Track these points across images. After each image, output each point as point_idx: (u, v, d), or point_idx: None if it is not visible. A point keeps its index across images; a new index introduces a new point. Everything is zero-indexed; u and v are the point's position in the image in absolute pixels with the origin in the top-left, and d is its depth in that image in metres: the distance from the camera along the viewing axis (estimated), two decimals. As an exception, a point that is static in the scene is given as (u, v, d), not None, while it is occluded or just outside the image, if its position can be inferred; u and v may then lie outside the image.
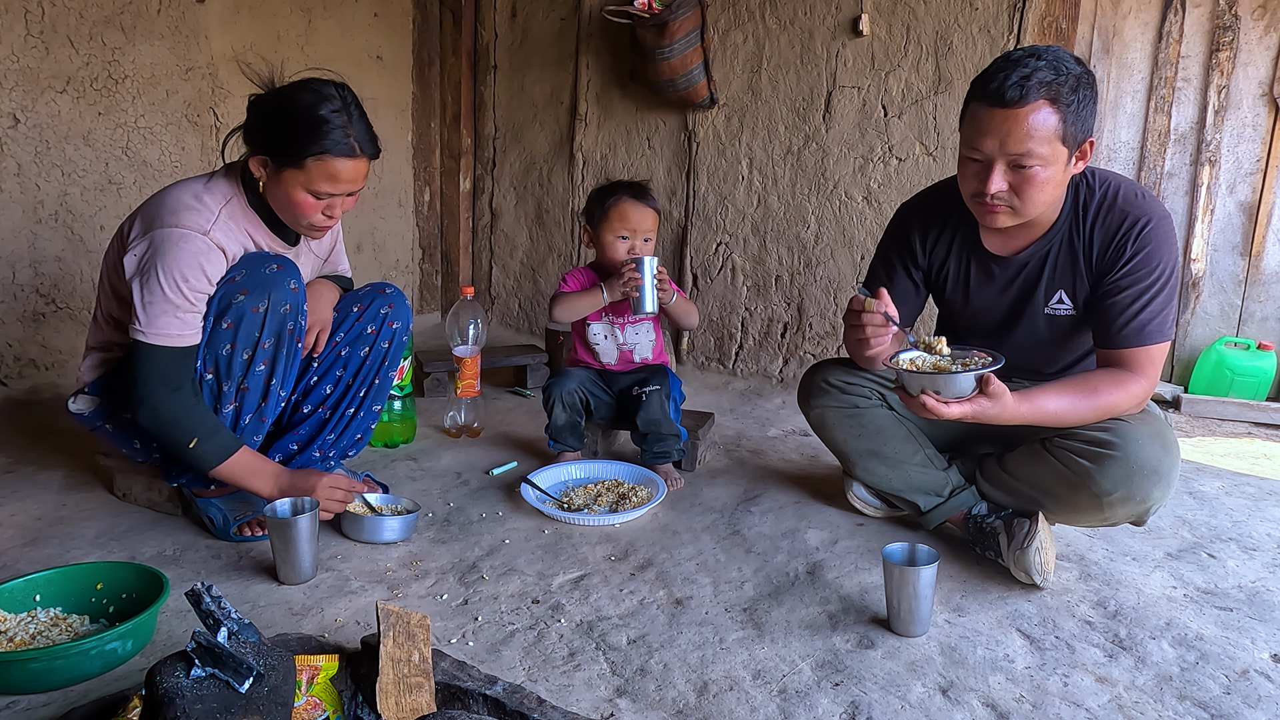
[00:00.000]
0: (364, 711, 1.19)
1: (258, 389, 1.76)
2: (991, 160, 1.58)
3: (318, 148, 1.66)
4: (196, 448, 1.68)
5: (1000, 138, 1.55)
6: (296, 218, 1.75)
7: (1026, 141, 1.53)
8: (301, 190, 1.70)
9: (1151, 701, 1.36)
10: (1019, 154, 1.54)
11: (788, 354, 3.41)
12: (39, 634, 1.41)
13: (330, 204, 1.74)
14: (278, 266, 1.72)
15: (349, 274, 2.15)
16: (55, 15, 2.72)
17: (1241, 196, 3.04)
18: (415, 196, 4.18)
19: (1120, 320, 1.65)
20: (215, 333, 1.69)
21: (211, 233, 1.68)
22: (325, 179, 1.69)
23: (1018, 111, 1.52)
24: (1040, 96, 1.51)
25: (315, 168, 1.67)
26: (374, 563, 1.77)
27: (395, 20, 3.92)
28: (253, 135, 1.73)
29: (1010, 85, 1.51)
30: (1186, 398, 3.02)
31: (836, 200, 3.24)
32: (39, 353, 2.87)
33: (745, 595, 1.68)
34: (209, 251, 1.67)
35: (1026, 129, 1.52)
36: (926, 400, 1.53)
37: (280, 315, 1.72)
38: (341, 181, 1.70)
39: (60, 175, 2.81)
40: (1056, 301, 1.76)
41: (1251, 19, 2.93)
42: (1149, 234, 1.63)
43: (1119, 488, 1.62)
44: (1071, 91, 1.53)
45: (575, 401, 2.29)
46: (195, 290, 1.67)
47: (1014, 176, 1.58)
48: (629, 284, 2.20)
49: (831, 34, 3.16)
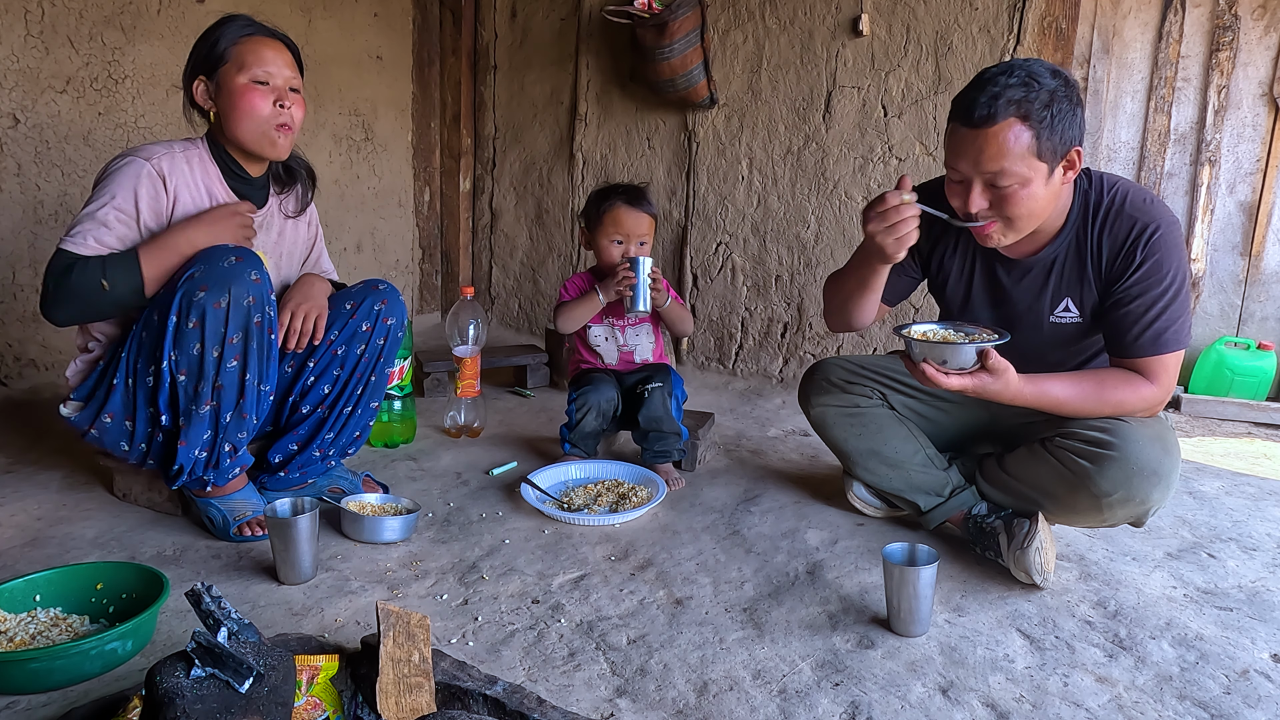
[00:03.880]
0: (364, 711, 1.19)
1: (233, 386, 1.74)
2: (969, 180, 1.58)
3: (235, 34, 1.79)
4: (110, 287, 1.68)
5: (973, 158, 1.55)
6: (253, 118, 1.80)
7: (1000, 160, 1.52)
8: (240, 79, 1.77)
9: (1151, 701, 1.36)
10: (993, 173, 1.54)
11: (788, 354, 3.41)
12: (39, 634, 1.41)
13: (279, 94, 1.80)
14: (236, 259, 1.70)
15: (334, 276, 2.17)
16: (55, 15, 2.72)
17: (1241, 196, 3.04)
18: (415, 196, 4.18)
19: (1135, 329, 1.63)
20: (182, 333, 1.67)
21: (154, 160, 1.76)
22: (254, 58, 1.78)
23: (987, 131, 1.51)
24: (1010, 115, 1.50)
25: (239, 51, 1.77)
26: (374, 563, 1.77)
27: (395, 20, 3.92)
28: (186, 77, 1.85)
29: (980, 104, 1.51)
30: (1186, 397, 3.03)
31: (836, 200, 3.24)
32: (39, 353, 2.87)
33: (745, 595, 1.68)
34: (146, 176, 1.74)
35: (997, 148, 1.51)
36: (926, 368, 1.55)
37: (244, 308, 1.70)
38: (269, 61, 1.79)
39: (60, 175, 2.81)
40: (1063, 310, 1.74)
41: (1251, 19, 2.93)
42: (1158, 241, 1.61)
43: (1118, 489, 1.62)
44: (1044, 107, 1.50)
45: (609, 411, 2.29)
46: (119, 208, 1.72)
47: (993, 195, 1.57)
48: (623, 283, 2.21)
49: (831, 34, 3.16)
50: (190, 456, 1.76)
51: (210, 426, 1.76)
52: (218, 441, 1.77)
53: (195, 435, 1.75)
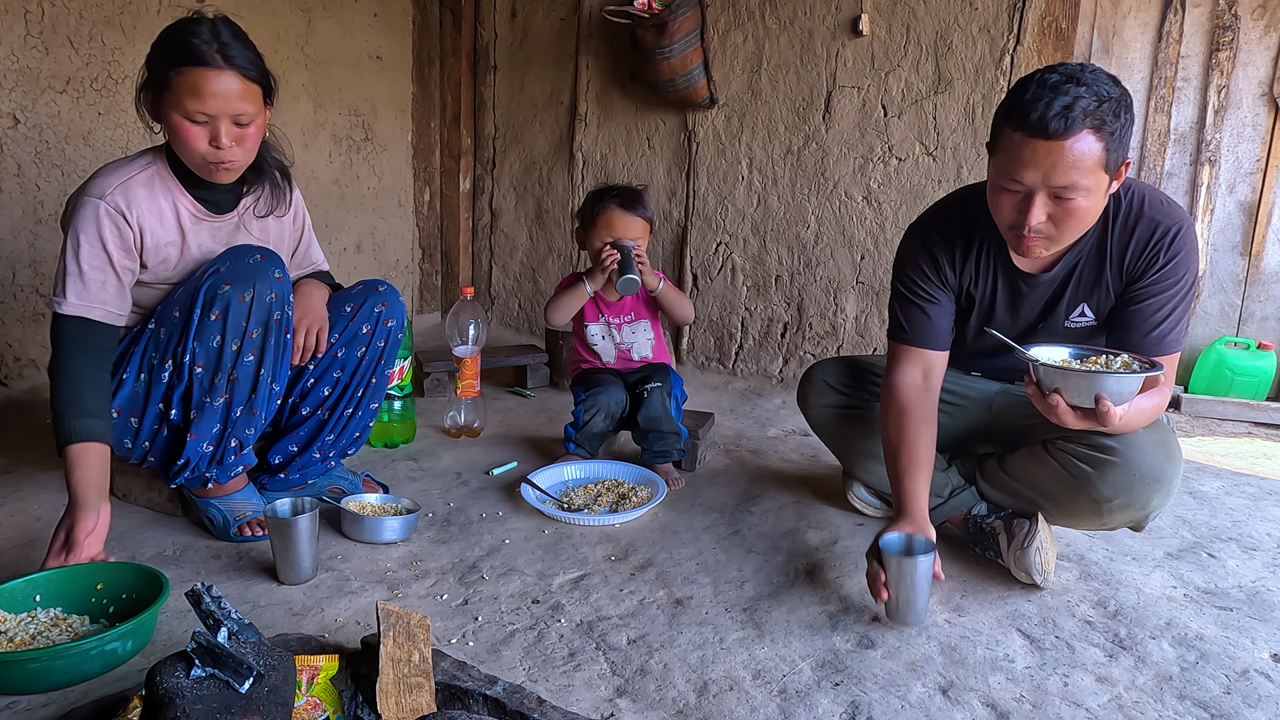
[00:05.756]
0: (364, 711, 1.19)
1: (247, 380, 1.75)
2: (1032, 192, 1.48)
3: (175, 61, 1.60)
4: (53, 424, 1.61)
5: (1044, 170, 1.44)
6: (188, 152, 1.68)
7: (1071, 174, 1.43)
8: (175, 114, 1.63)
9: (1151, 701, 1.36)
10: (1063, 186, 1.45)
11: (788, 354, 3.41)
12: (39, 634, 1.41)
13: (214, 132, 1.64)
14: (261, 256, 1.71)
15: (325, 265, 2.12)
16: (55, 15, 2.72)
17: (1241, 196, 3.04)
18: (415, 196, 4.18)
19: (1143, 329, 1.62)
20: (204, 325, 1.68)
21: (109, 196, 1.67)
22: (190, 94, 1.60)
23: (1062, 143, 1.42)
24: (1085, 126, 1.41)
25: (178, 83, 1.60)
26: (374, 563, 1.77)
27: (395, 20, 3.92)
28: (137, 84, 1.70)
29: (1054, 116, 1.41)
30: (1186, 397, 3.03)
31: (836, 200, 3.24)
32: (39, 353, 2.87)
33: (745, 595, 1.68)
34: (107, 216, 1.66)
35: (1072, 160, 1.42)
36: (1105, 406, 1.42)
37: (266, 304, 1.71)
38: (206, 96, 1.60)
39: (60, 175, 2.81)
40: (1078, 315, 1.72)
41: (1251, 19, 2.93)
42: (1180, 241, 1.60)
43: (1119, 494, 1.61)
44: (1115, 118, 1.43)
45: (617, 413, 2.29)
46: (90, 257, 1.65)
47: (1054, 207, 1.49)
48: (607, 260, 2.22)
49: (831, 34, 3.16)
50: (197, 451, 1.76)
51: (220, 420, 1.76)
52: (225, 436, 1.78)
53: (205, 428, 1.75)
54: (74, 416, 1.60)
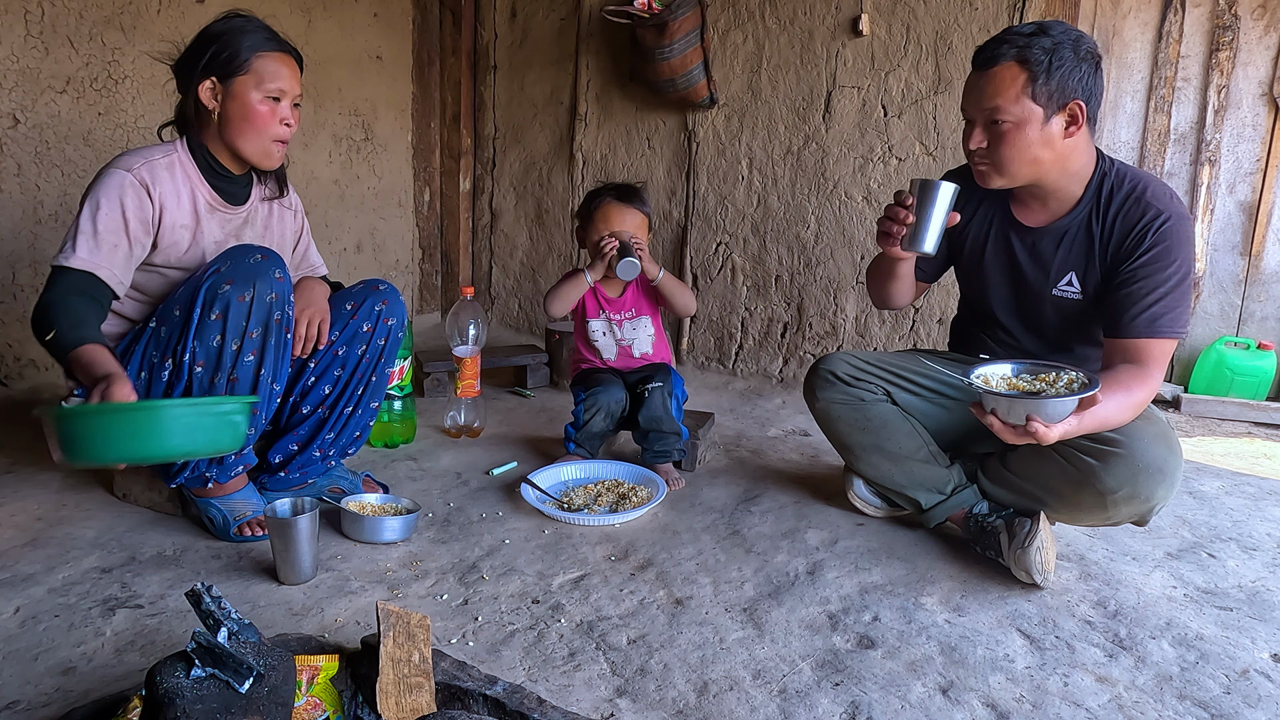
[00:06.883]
0: (364, 711, 1.19)
1: (246, 379, 1.75)
2: (974, 121, 1.71)
3: (256, 46, 1.79)
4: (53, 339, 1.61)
5: (975, 97, 1.69)
6: (260, 131, 1.81)
7: (995, 99, 1.64)
8: (255, 92, 1.78)
9: (1151, 701, 1.36)
10: (988, 110, 1.65)
11: (788, 354, 3.41)
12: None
13: (282, 112, 1.83)
14: (261, 256, 1.72)
15: (324, 270, 2.17)
16: (55, 15, 2.72)
17: (1241, 196, 3.04)
18: (415, 196, 4.18)
19: (1134, 309, 1.65)
20: (204, 324, 1.69)
21: (137, 169, 1.75)
22: (272, 75, 1.79)
23: (988, 72, 1.65)
24: (1010, 58, 1.63)
25: (260, 65, 1.78)
26: (374, 563, 1.77)
27: (395, 20, 3.92)
28: (189, 67, 1.81)
29: (986, 49, 1.66)
30: (1186, 397, 3.03)
31: (836, 200, 3.24)
32: (39, 353, 2.87)
33: (745, 595, 1.68)
34: (131, 186, 1.73)
35: (994, 88, 1.64)
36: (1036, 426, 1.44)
37: (266, 304, 1.72)
38: (284, 79, 1.81)
39: (60, 175, 2.81)
40: (1066, 284, 1.78)
41: (1251, 19, 2.93)
42: (1169, 229, 1.65)
43: (1124, 486, 1.62)
44: (1044, 52, 1.60)
45: (617, 413, 2.29)
46: (108, 219, 1.70)
47: (990, 134, 1.68)
48: (606, 247, 2.24)
49: (831, 34, 3.16)
50: None
51: None
52: None
53: None
54: (76, 328, 1.60)
